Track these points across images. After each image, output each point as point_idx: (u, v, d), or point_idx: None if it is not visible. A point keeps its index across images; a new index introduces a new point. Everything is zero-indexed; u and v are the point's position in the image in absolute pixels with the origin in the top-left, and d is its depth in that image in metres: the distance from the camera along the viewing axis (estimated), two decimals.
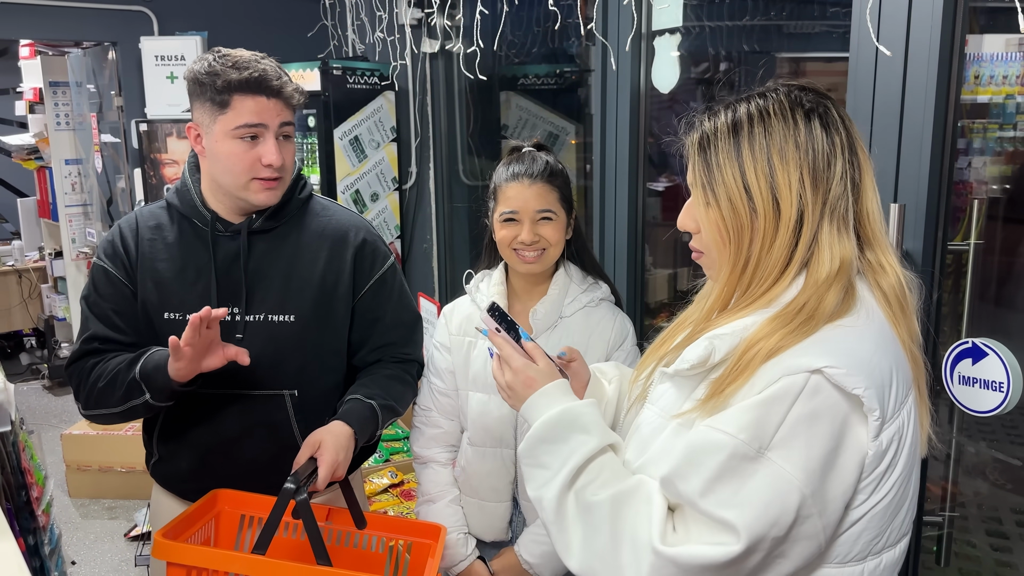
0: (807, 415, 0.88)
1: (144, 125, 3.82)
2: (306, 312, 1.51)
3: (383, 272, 1.59)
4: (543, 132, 3.65)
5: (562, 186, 1.56)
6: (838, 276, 0.95)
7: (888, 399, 0.92)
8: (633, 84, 2.27)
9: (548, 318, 1.57)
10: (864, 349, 0.92)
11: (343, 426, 1.43)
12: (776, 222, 0.97)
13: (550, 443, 1.03)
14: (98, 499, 3.68)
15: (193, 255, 1.50)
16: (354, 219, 1.60)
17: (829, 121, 0.99)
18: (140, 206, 3.90)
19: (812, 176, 0.97)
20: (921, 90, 1.45)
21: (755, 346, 0.92)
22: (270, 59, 1.45)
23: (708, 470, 0.89)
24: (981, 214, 1.61)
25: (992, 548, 2.05)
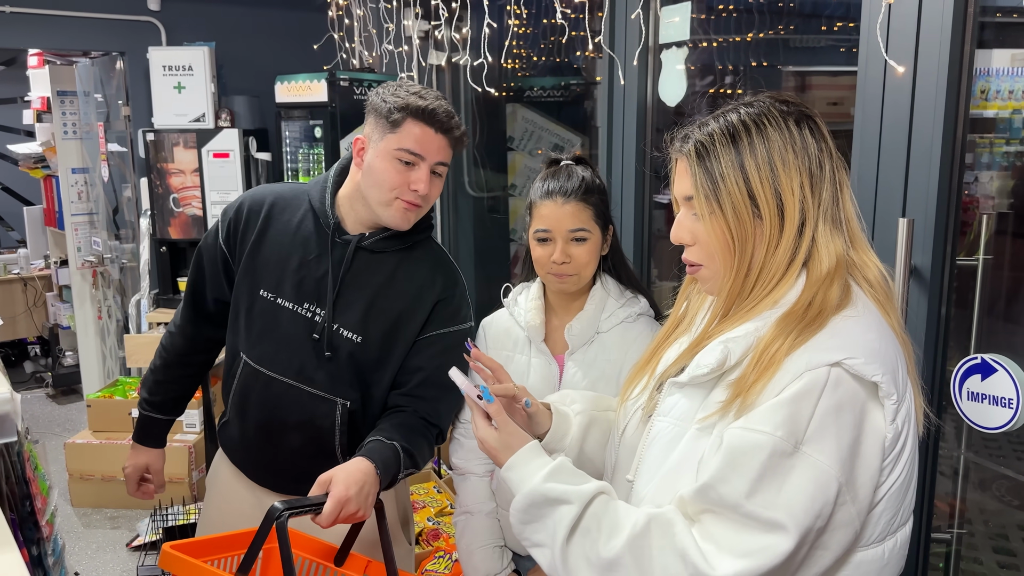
0: (833, 407, 0.92)
1: (151, 135, 3.83)
2: (374, 339, 1.55)
3: (451, 330, 1.58)
4: (549, 144, 3.66)
5: (598, 203, 1.52)
6: (836, 272, 1.00)
7: (899, 381, 0.97)
8: (640, 97, 2.28)
9: (584, 334, 1.54)
10: (871, 337, 0.97)
11: (363, 462, 1.39)
12: (780, 226, 1.01)
13: (533, 523, 1.03)
14: (100, 508, 3.67)
15: (307, 247, 1.58)
16: (453, 274, 1.63)
17: (814, 129, 1.04)
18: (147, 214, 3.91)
19: (810, 179, 1.02)
20: (930, 104, 1.45)
21: (773, 344, 0.96)
22: (448, 102, 1.54)
23: (752, 470, 0.91)
24: (990, 229, 1.60)
25: (999, 566, 2.03)
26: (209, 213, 3.85)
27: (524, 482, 1.03)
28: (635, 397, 1.17)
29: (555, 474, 1.03)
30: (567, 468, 1.04)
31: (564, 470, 1.04)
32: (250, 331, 1.60)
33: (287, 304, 1.57)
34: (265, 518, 1.20)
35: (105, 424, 3.70)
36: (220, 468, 1.75)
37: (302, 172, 3.61)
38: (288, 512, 1.21)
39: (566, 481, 1.02)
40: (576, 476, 1.03)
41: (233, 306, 1.64)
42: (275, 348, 1.58)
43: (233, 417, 1.66)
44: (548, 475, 1.03)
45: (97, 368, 4.88)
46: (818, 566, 0.96)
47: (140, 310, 4.03)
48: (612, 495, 1.03)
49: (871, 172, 1.55)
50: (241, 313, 1.62)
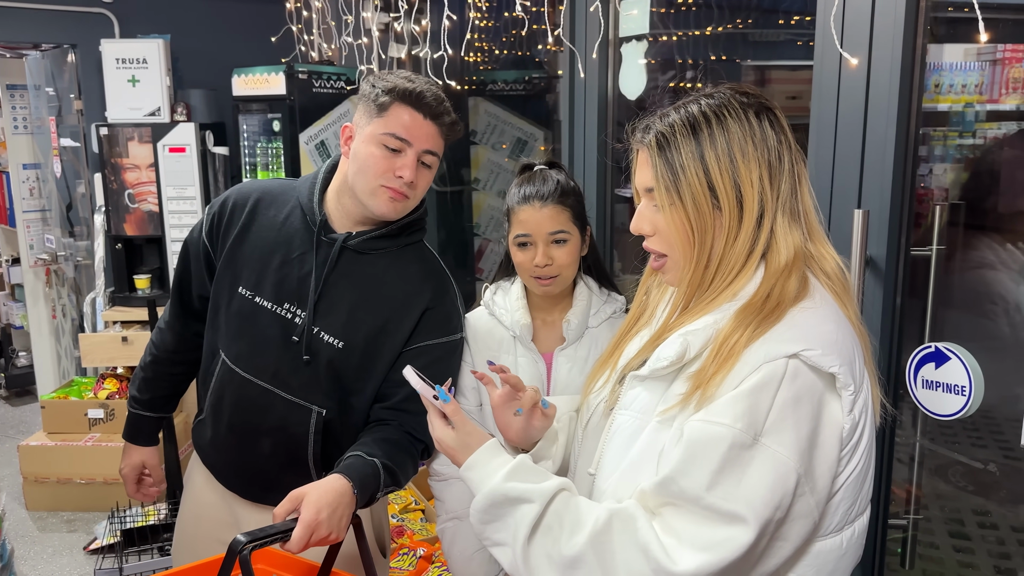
0: (792, 398, 0.92)
1: (105, 129, 3.75)
2: (357, 346, 1.48)
3: (441, 341, 1.52)
4: (512, 138, 3.66)
5: (575, 204, 1.53)
6: (794, 264, 1.01)
7: (856, 372, 0.98)
8: (601, 90, 2.28)
9: (580, 327, 1.56)
10: (828, 328, 0.98)
11: (339, 480, 1.31)
12: (740, 218, 1.01)
13: (494, 523, 1.01)
14: (56, 512, 3.59)
15: (291, 244, 1.51)
16: (445, 281, 1.56)
17: (774, 120, 1.04)
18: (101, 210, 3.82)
19: (769, 171, 1.02)
20: (884, 97, 1.47)
21: (732, 336, 0.96)
22: (441, 89, 1.48)
23: (711, 463, 0.91)
24: (943, 220, 1.63)
25: (955, 549, 2.07)
26: (166, 209, 3.78)
27: (484, 482, 1.02)
28: (598, 391, 1.17)
29: (515, 473, 1.02)
30: (527, 466, 1.03)
31: (524, 468, 1.02)
32: (228, 329, 1.54)
33: (266, 303, 1.50)
34: (228, 551, 1.13)
35: (60, 426, 3.62)
36: (194, 471, 1.70)
37: (260, 167, 3.56)
38: (252, 545, 1.15)
39: (526, 480, 1.01)
40: (537, 474, 1.02)
41: (212, 302, 1.58)
42: (251, 349, 1.52)
43: (208, 417, 1.60)
44: (508, 474, 1.01)
45: (52, 368, 4.77)
46: (778, 557, 0.96)
47: (95, 309, 3.94)
48: (573, 491, 1.02)
49: (827, 164, 1.56)
50: (220, 310, 1.55)
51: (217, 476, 1.62)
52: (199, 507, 1.67)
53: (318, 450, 1.51)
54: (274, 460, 1.53)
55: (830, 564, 1.02)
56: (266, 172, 3.54)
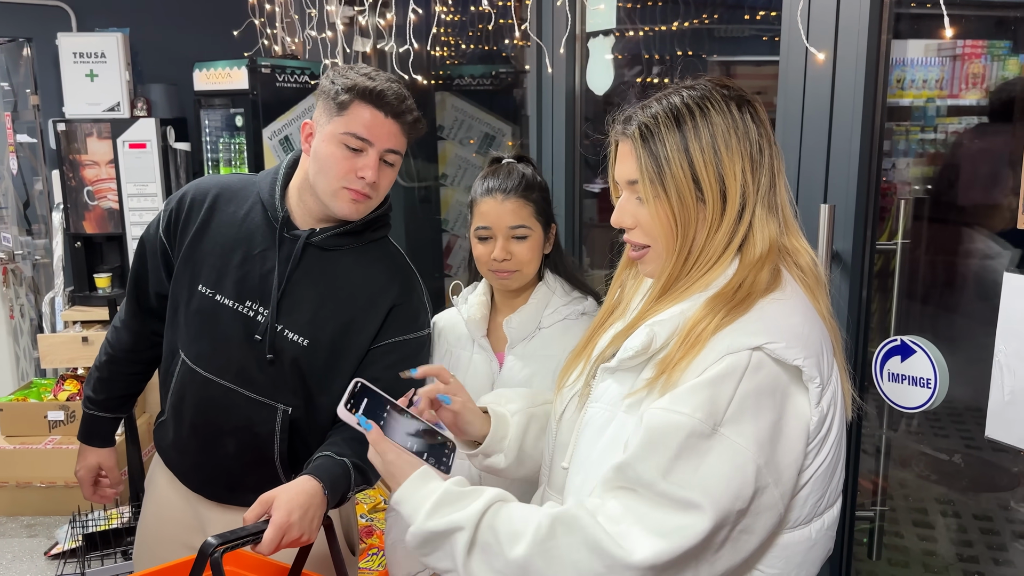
0: (753, 390, 0.92)
1: (62, 125, 3.66)
2: (323, 344, 1.46)
3: (409, 338, 1.50)
4: (479, 133, 3.64)
5: (539, 200, 1.51)
6: (768, 256, 1.02)
7: (823, 365, 0.98)
8: (568, 86, 2.27)
9: (523, 329, 1.53)
10: (796, 321, 0.99)
11: (309, 481, 1.30)
12: (722, 210, 1.01)
13: (433, 554, 1.00)
14: (16, 516, 3.51)
15: (252, 241, 1.48)
16: (411, 278, 1.54)
17: (755, 114, 1.05)
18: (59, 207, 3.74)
19: (751, 163, 1.02)
20: (850, 92, 1.48)
21: (700, 324, 0.97)
22: (403, 86, 1.44)
23: (669, 450, 0.91)
24: (908, 214, 1.65)
25: (919, 538, 2.11)
26: (126, 206, 3.70)
27: (412, 517, 1.01)
28: (571, 384, 1.16)
29: (438, 507, 1.00)
30: (452, 495, 1.00)
31: (448, 499, 1.00)
32: (188, 328, 1.51)
33: (227, 301, 1.47)
34: (199, 554, 1.13)
35: (19, 429, 3.53)
36: (156, 473, 1.67)
37: (223, 162, 3.50)
38: (224, 547, 1.14)
39: (452, 509, 0.99)
40: (462, 499, 1.00)
41: (171, 301, 1.55)
42: (213, 348, 1.49)
43: (169, 418, 1.58)
44: (430, 512, 0.99)
45: (10, 370, 4.65)
46: (744, 551, 0.96)
47: (54, 308, 3.85)
48: (508, 500, 1.01)
49: (793, 159, 1.57)
50: (180, 309, 1.52)
51: (180, 478, 1.59)
52: (162, 510, 1.64)
53: (284, 449, 1.49)
54: (239, 460, 1.51)
55: (799, 556, 1.02)
56: (229, 168, 3.48)
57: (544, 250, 1.55)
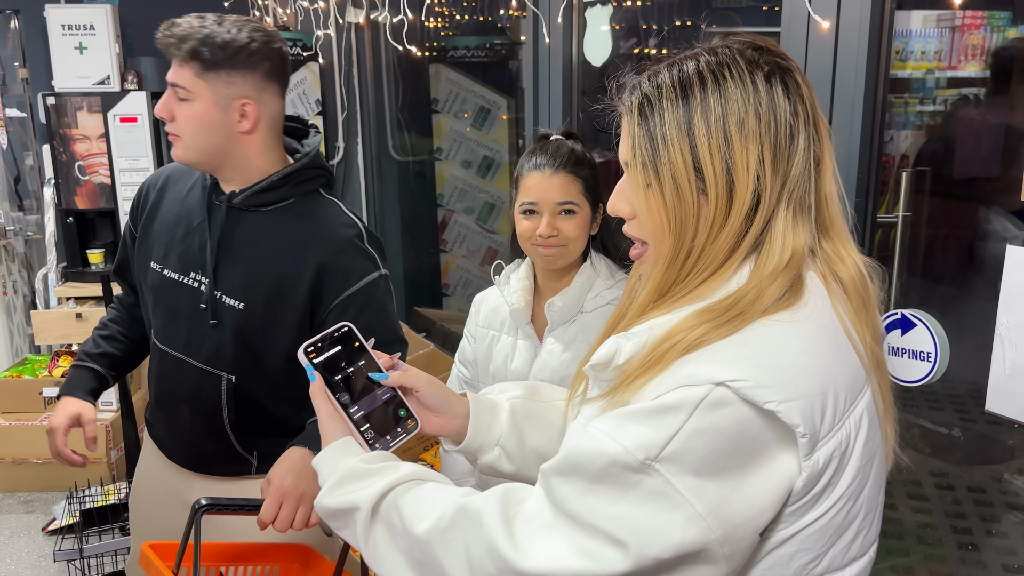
0: (704, 430, 0.75)
1: (52, 99, 3.61)
2: (256, 305, 1.46)
3: (356, 289, 1.47)
4: (474, 107, 3.60)
5: (587, 177, 1.46)
6: (786, 269, 0.83)
7: (822, 409, 0.79)
8: (565, 57, 2.24)
9: (565, 313, 1.47)
10: (792, 351, 0.80)
11: (294, 451, 1.31)
12: (727, 208, 0.84)
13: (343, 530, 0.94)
14: (13, 492, 3.51)
15: (193, 214, 1.51)
16: (337, 234, 1.49)
17: (791, 87, 0.85)
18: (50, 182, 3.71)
19: (773, 152, 0.83)
20: (852, 63, 1.46)
21: (673, 338, 0.80)
22: (204, 20, 1.40)
23: (589, 473, 0.78)
24: (909, 186, 1.63)
25: (913, 511, 2.12)
26: (118, 181, 3.66)
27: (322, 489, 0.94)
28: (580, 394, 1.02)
29: (340, 485, 0.92)
30: (356, 472, 0.92)
31: (351, 476, 0.92)
32: (149, 305, 1.57)
33: (174, 275, 1.51)
34: (191, 512, 1.16)
35: (14, 405, 3.52)
36: (145, 447, 1.73)
37: None
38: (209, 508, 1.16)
39: (352, 488, 0.91)
40: (367, 477, 0.91)
41: (138, 282, 1.61)
42: (167, 321, 1.53)
43: (148, 391, 1.66)
44: (331, 488, 0.92)
45: (4, 347, 4.63)
46: None
47: (47, 285, 3.83)
48: (424, 479, 0.92)
49: None
50: (143, 288, 1.59)
51: (160, 448, 1.65)
52: (148, 480, 1.69)
53: (233, 416, 1.52)
54: (195, 430, 1.55)
55: None
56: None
57: (591, 230, 1.49)
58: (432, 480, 0.93)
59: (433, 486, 0.91)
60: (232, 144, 1.41)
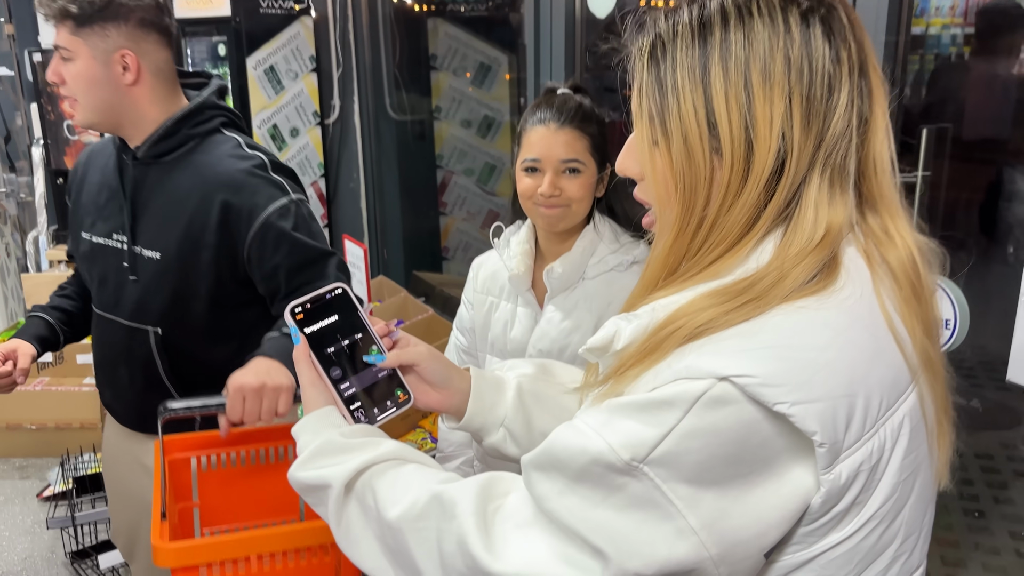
0: (702, 430, 0.65)
1: (38, 55, 3.51)
2: (171, 252, 1.48)
3: (264, 219, 1.45)
4: (474, 63, 3.50)
5: (595, 134, 1.37)
6: (817, 248, 0.70)
7: (848, 413, 0.67)
8: (568, 11, 2.15)
9: (566, 279, 1.39)
10: (811, 343, 0.67)
11: (258, 359, 1.33)
12: (745, 172, 0.71)
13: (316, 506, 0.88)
14: (7, 459, 3.47)
15: (109, 178, 1.55)
16: (237, 164, 1.47)
17: (834, 27, 0.71)
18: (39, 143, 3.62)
19: (805, 107, 0.70)
20: (872, 18, 1.38)
21: (676, 322, 0.69)
22: None
23: (569, 470, 0.69)
24: (928, 145, 1.55)
25: None
26: None
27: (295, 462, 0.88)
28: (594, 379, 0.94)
29: (313, 458, 0.86)
30: (332, 446, 0.86)
31: (327, 450, 0.86)
32: (84, 273, 1.62)
33: (100, 240, 1.55)
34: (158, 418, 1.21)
35: None
36: (107, 418, 1.75)
37: None
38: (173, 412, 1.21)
39: (326, 463, 0.85)
40: (343, 452, 0.85)
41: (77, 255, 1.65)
42: (100, 285, 1.57)
43: None
44: (304, 461, 0.86)
45: None
46: None
47: (39, 247, 3.76)
48: (404, 460, 0.85)
49: None
50: (80, 260, 1.63)
51: (113, 415, 1.68)
52: (113, 452, 1.72)
53: (168, 369, 1.54)
54: (135, 388, 1.57)
55: None
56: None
57: (597, 192, 1.41)
58: (414, 461, 0.85)
59: (413, 468, 0.84)
60: (121, 98, 1.43)
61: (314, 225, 1.53)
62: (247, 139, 1.55)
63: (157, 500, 1.17)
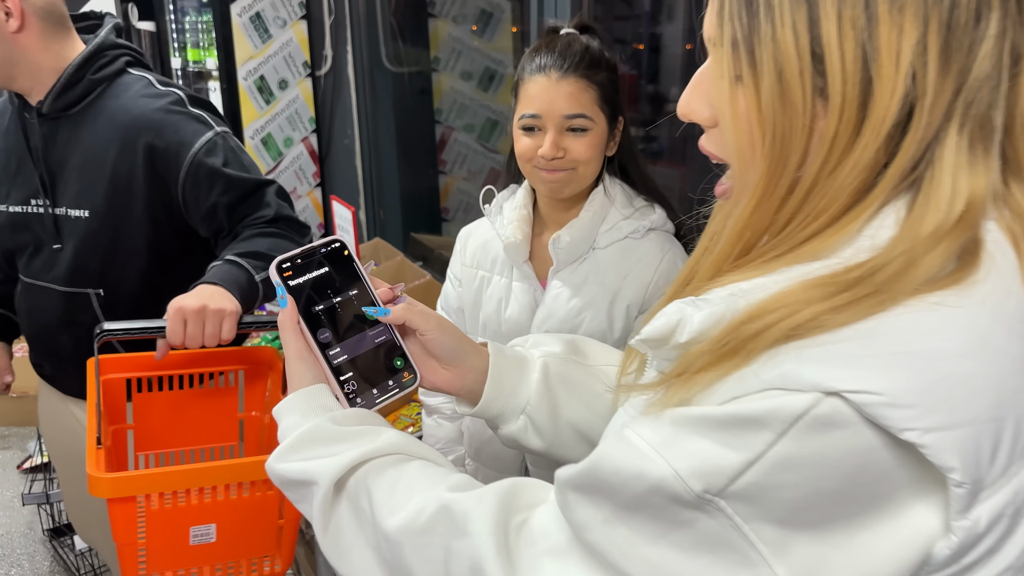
0: (802, 460, 0.50)
1: None
2: (99, 208, 1.42)
3: (193, 158, 1.39)
4: (474, 10, 3.26)
5: (605, 83, 1.18)
6: (956, 227, 0.53)
7: (994, 444, 0.51)
8: None
9: (574, 250, 1.21)
10: (949, 351, 0.50)
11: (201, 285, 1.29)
12: (859, 121, 0.54)
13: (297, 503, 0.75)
14: None
15: (14, 142, 1.47)
16: (152, 103, 1.41)
17: None
18: None
19: (944, 37, 0.52)
20: None
21: (767, 315, 0.52)
22: None
23: (620, 497, 0.56)
24: None
25: None
26: None
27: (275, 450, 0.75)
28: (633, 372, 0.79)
29: (297, 447, 0.72)
30: (322, 434, 0.73)
31: (314, 438, 0.73)
32: (7, 249, 1.55)
33: (17, 208, 1.48)
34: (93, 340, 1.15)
35: None
36: (41, 393, 1.71)
37: (190, 45, 3.15)
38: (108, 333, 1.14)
39: (313, 455, 0.72)
40: (335, 442, 0.72)
41: None
42: (25, 254, 1.51)
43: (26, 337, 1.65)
44: (286, 450, 0.73)
45: None
46: None
47: None
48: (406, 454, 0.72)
49: None
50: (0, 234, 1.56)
51: (57, 387, 1.61)
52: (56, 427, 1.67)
53: None
54: (81, 353, 1.46)
55: None
56: (196, 51, 3.14)
57: (607, 151, 1.22)
58: (420, 457, 0.73)
59: (418, 466, 0.71)
60: (11, 48, 1.35)
61: (244, 156, 1.47)
62: (157, 76, 1.48)
63: (92, 426, 1.12)
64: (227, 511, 1.10)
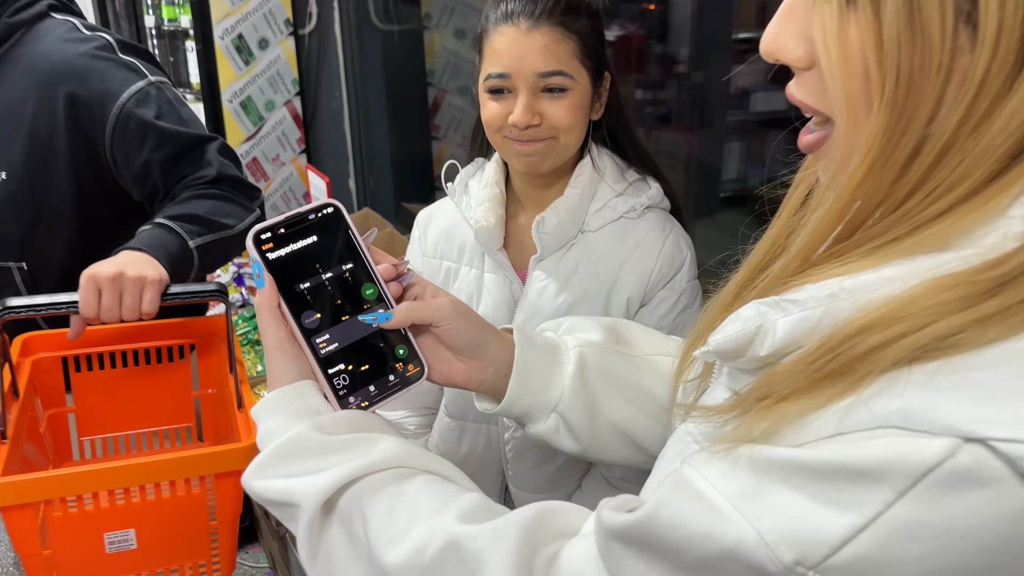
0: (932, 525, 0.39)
1: None
2: (17, 169, 1.30)
3: (121, 108, 1.28)
4: None
5: (585, 32, 0.98)
6: None
7: None
8: None
9: (561, 234, 1.04)
10: None
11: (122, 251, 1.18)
12: (1019, 61, 0.41)
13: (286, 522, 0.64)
14: None
15: None
16: (75, 47, 1.30)
17: None
18: None
19: None
20: None
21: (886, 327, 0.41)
22: None
23: (681, 559, 0.45)
24: None
25: None
26: None
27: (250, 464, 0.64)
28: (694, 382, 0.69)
29: (278, 461, 0.61)
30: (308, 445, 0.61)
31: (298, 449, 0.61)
32: None
33: None
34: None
35: None
36: None
37: (164, 1, 2.97)
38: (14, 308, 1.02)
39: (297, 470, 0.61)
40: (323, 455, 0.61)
41: None
42: None
43: None
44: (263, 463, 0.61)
45: None
46: None
47: None
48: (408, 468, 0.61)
49: None
50: None
51: None
52: None
53: None
54: None
55: None
56: (171, 8, 2.96)
57: (592, 114, 1.03)
58: (424, 470, 0.62)
59: (423, 484, 0.60)
60: None
61: (183, 109, 1.36)
62: (84, 21, 1.37)
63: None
64: (146, 514, 1.00)
